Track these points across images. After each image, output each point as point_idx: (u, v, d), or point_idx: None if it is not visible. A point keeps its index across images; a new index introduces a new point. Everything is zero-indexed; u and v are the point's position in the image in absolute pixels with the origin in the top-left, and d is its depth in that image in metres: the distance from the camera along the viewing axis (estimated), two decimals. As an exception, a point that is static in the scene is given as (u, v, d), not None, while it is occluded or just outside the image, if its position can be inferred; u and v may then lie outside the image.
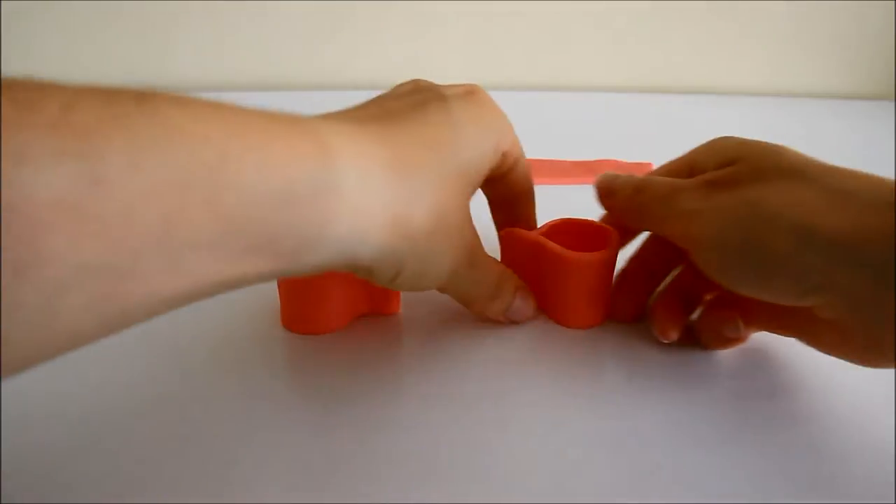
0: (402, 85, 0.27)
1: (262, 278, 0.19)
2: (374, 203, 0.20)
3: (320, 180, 0.19)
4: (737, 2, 0.72)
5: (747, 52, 0.75)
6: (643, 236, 0.31)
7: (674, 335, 0.28)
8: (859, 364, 0.24)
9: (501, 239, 0.31)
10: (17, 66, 0.15)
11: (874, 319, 0.21)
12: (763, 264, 0.23)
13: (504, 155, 0.27)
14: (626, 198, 0.28)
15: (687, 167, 0.28)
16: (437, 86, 0.26)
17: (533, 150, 0.53)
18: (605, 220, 0.31)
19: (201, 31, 0.71)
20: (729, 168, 0.25)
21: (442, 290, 0.26)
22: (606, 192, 0.29)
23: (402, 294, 0.31)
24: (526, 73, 0.75)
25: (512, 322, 0.30)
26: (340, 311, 0.30)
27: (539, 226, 0.31)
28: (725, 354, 0.28)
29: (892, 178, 0.22)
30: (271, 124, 0.18)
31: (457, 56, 0.74)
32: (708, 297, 0.29)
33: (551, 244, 0.29)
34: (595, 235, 0.30)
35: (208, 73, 0.72)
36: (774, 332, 0.28)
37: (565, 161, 0.50)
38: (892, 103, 0.71)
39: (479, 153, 0.25)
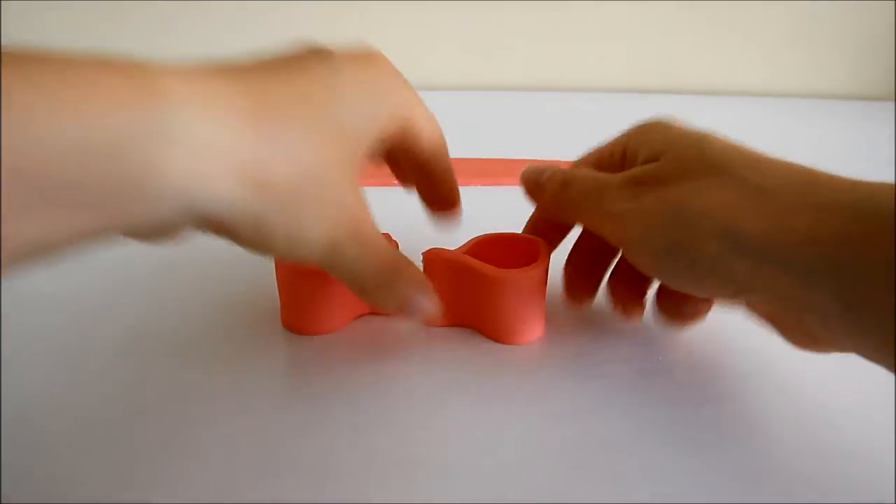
0: (293, 45, 0.25)
1: (94, 235, 0.17)
2: (218, 150, 0.19)
3: (143, 126, 0.17)
4: (737, 2, 0.72)
5: (747, 52, 0.75)
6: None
7: (637, 317, 0.28)
8: (796, 347, 0.24)
9: (424, 262, 0.29)
10: None
11: (804, 317, 0.21)
12: (692, 266, 0.23)
13: (404, 124, 0.25)
14: (552, 193, 0.27)
15: (620, 152, 0.28)
16: (330, 47, 0.24)
17: (533, 150, 0.54)
18: (534, 216, 0.31)
19: (202, 30, 0.71)
20: (654, 164, 0.25)
21: (328, 268, 0.23)
22: (533, 187, 0.29)
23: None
24: (526, 73, 0.75)
25: (412, 321, 0.28)
26: (340, 311, 0.30)
27: (463, 243, 0.30)
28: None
29: (850, 174, 0.21)
30: (85, 70, 0.17)
31: (457, 56, 0.74)
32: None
33: (482, 264, 0.28)
34: (522, 248, 0.30)
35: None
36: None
37: (565, 161, 0.50)
38: (892, 103, 0.71)
39: (363, 115, 0.23)
